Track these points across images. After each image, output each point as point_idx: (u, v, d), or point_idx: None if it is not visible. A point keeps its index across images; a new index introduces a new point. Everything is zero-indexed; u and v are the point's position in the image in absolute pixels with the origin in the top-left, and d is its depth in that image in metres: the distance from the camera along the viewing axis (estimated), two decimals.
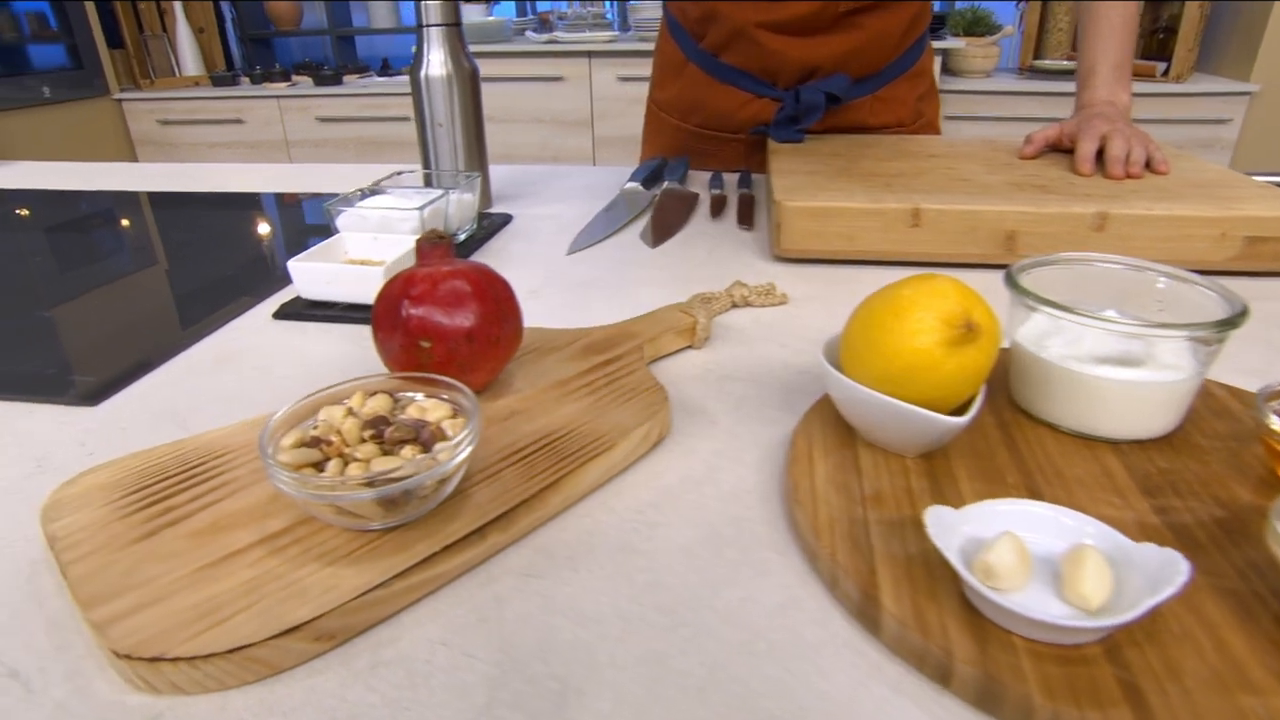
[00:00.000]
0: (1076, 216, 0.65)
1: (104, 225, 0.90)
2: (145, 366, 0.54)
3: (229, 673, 0.29)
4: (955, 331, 0.34)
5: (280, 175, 1.12)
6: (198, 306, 0.65)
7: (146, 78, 3.47)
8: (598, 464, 0.39)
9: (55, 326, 0.62)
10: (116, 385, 0.52)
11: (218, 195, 1.02)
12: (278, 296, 0.66)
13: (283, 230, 0.89)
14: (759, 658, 0.30)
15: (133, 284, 0.71)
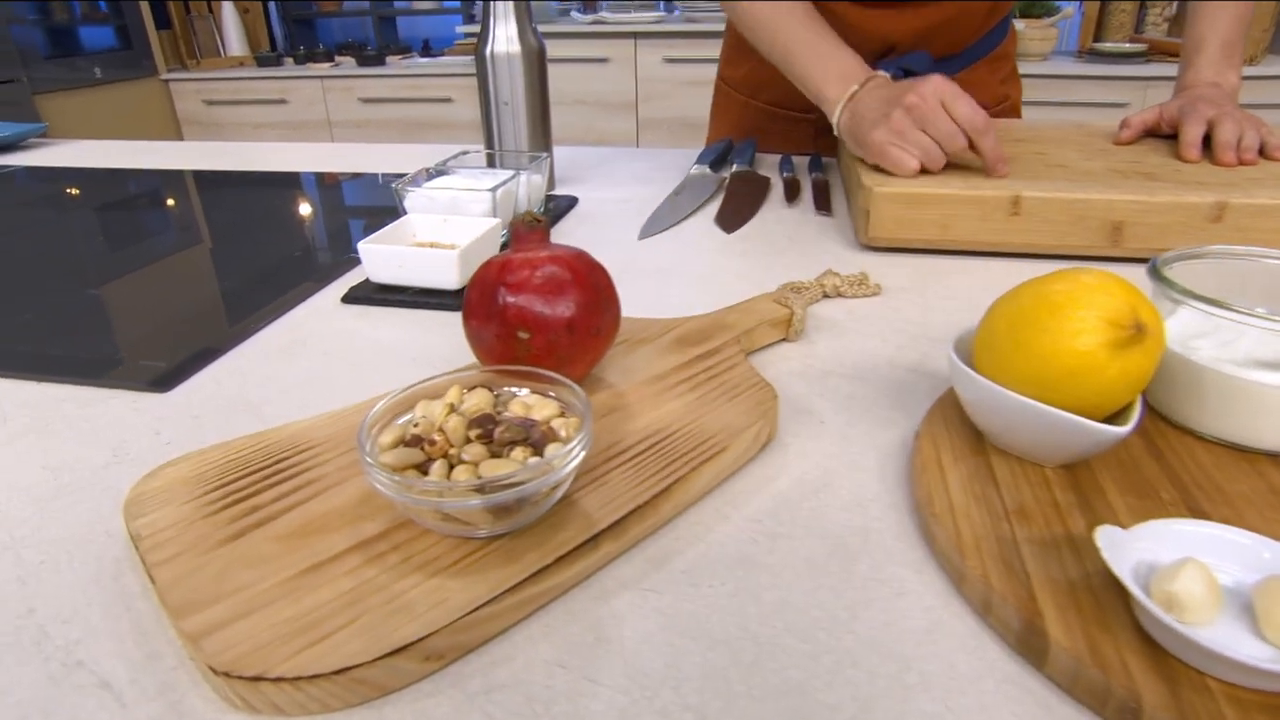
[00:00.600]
0: (1191, 206, 0.61)
1: (158, 205, 0.89)
2: (214, 352, 0.53)
3: (334, 694, 0.26)
4: (1123, 332, 0.31)
5: (333, 155, 1.10)
6: (262, 289, 0.63)
7: (193, 58, 3.50)
8: (710, 467, 0.36)
9: (119, 309, 0.60)
10: (186, 371, 0.50)
11: (272, 175, 1.00)
12: (344, 279, 0.64)
13: (343, 211, 0.87)
14: (913, 691, 0.27)
15: (191, 265, 0.70)
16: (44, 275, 0.67)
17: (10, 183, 1.00)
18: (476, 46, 0.83)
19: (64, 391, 0.48)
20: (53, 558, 0.34)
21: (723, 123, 1.08)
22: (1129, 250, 0.63)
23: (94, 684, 0.28)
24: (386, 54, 3.33)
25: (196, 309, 0.60)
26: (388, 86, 3.18)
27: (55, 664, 0.29)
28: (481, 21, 0.82)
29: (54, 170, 1.06)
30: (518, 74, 0.82)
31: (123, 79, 3.22)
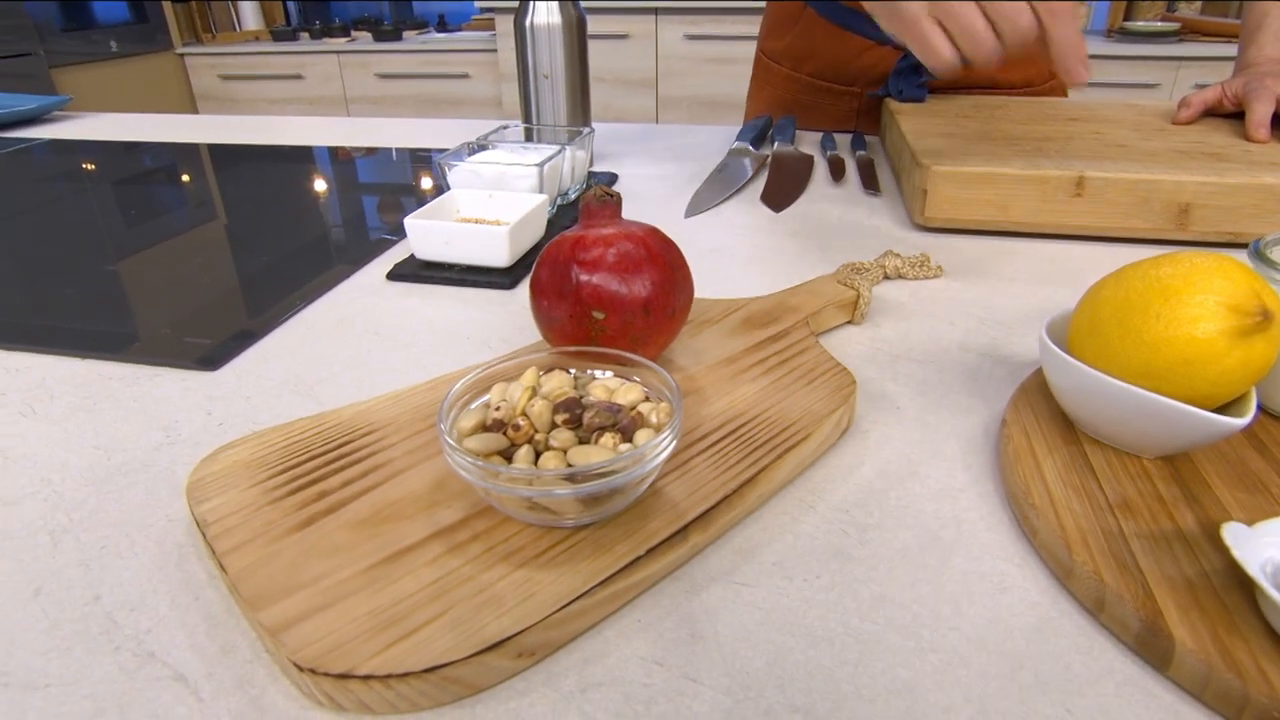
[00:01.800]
0: (1265, 188, 0.58)
1: (186, 181, 0.88)
2: (259, 329, 0.51)
3: (424, 693, 0.25)
4: (1248, 319, 0.29)
5: (360, 129, 1.08)
6: (302, 265, 0.61)
7: (208, 32, 3.47)
8: (793, 455, 0.34)
9: (157, 284, 0.59)
10: (233, 349, 0.49)
11: (299, 150, 0.98)
12: (388, 256, 0.63)
13: (376, 187, 0.85)
14: (1029, 692, 0.25)
15: (226, 241, 0.68)
16: (78, 250, 0.66)
17: (33, 156, 0.99)
18: (516, 17, 0.81)
19: (109, 369, 0.47)
20: (114, 542, 0.33)
21: (762, 97, 1.06)
22: (1195, 233, 0.61)
23: (168, 677, 0.27)
24: (403, 29, 3.29)
25: (236, 285, 0.59)
26: (404, 62, 3.15)
27: (126, 654, 0.28)
28: None
29: (79, 143, 1.04)
30: (558, 46, 0.80)
31: (138, 53, 3.19)
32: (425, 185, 0.83)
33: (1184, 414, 0.30)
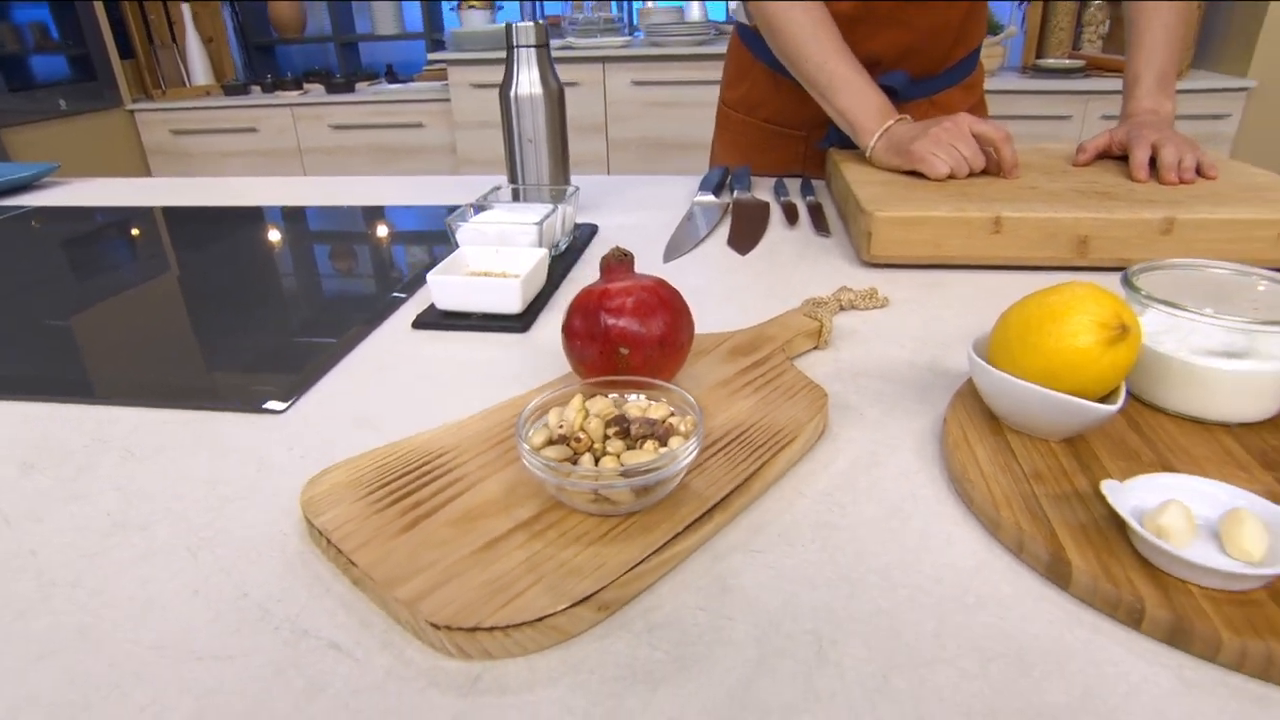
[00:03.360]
0: (1145, 221, 0.71)
1: (211, 243, 0.95)
2: (314, 376, 0.59)
3: (532, 639, 0.34)
4: (1111, 332, 0.40)
5: (357, 188, 1.16)
6: (338, 319, 0.70)
7: (158, 88, 3.50)
8: (784, 454, 0.44)
9: (216, 342, 0.67)
10: (295, 394, 0.57)
11: (300, 210, 1.06)
12: (405, 308, 0.71)
13: (384, 241, 0.94)
14: (973, 610, 0.35)
15: (269, 300, 0.76)
16: (140, 313, 0.73)
17: (47, 223, 1.05)
18: (501, 88, 0.90)
19: (196, 415, 0.54)
20: (244, 553, 0.41)
21: (724, 141, 1.18)
22: (1093, 260, 0.73)
23: (324, 645, 0.35)
24: (355, 81, 3.37)
25: (286, 339, 0.67)
26: (359, 113, 3.22)
27: (285, 632, 0.36)
28: (506, 66, 0.90)
29: (80, 210, 1.10)
30: (540, 114, 0.90)
31: (88, 110, 3.21)
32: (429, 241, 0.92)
33: (1074, 404, 0.41)
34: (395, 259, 0.88)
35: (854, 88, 0.90)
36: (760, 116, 1.12)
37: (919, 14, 0.98)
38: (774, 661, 0.33)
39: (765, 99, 1.11)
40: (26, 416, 0.55)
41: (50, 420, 0.54)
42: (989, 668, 0.32)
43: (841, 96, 0.91)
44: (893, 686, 0.32)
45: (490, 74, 2.95)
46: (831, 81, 0.91)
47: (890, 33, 0.99)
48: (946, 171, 0.81)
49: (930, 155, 0.82)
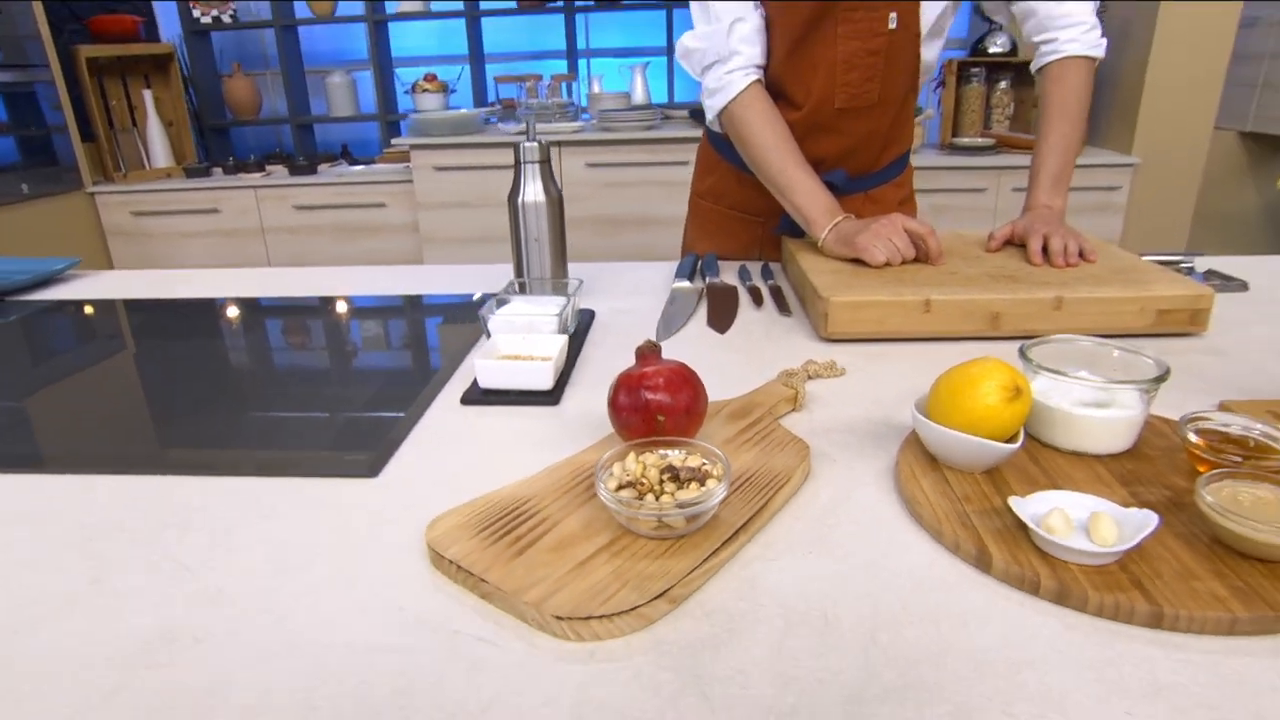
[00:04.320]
0: (1041, 300, 0.90)
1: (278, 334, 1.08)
2: (392, 445, 0.73)
3: (627, 624, 0.48)
4: (1010, 394, 0.57)
5: (378, 278, 1.30)
6: (396, 398, 0.83)
7: (118, 170, 3.58)
8: (784, 491, 0.60)
9: (301, 420, 0.80)
10: (380, 462, 0.70)
11: (331, 300, 1.20)
12: (451, 387, 0.85)
13: (411, 329, 1.08)
14: (927, 590, 0.51)
15: (340, 383, 0.89)
16: (233, 402, 0.85)
17: (98, 315, 1.16)
18: (510, 196, 1.07)
19: (308, 482, 0.67)
20: (389, 581, 0.54)
21: (695, 226, 1.38)
22: (1004, 331, 0.91)
23: (474, 639, 0.49)
24: (317, 162, 3.51)
25: (359, 415, 0.80)
26: (323, 194, 3.36)
27: (442, 633, 0.50)
28: (514, 177, 1.06)
29: (149, 302, 1.22)
30: (543, 218, 1.06)
31: (49, 194, 3.28)
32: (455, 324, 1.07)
33: (988, 446, 0.58)
34: (428, 342, 1.02)
35: (807, 189, 1.09)
36: (725, 205, 1.32)
37: (853, 124, 1.19)
38: (796, 629, 0.48)
39: (730, 190, 1.30)
40: (170, 487, 0.67)
41: (195, 492, 0.66)
42: (940, 625, 0.48)
43: (798, 196, 1.10)
44: (878, 640, 0.47)
45: (451, 158, 3.13)
46: (790, 183, 1.10)
47: (831, 139, 1.20)
48: (884, 260, 1.00)
49: (871, 247, 1.00)
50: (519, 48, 4.20)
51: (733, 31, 1.13)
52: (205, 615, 0.51)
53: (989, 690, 0.43)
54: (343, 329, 1.09)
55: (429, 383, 0.87)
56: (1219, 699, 0.42)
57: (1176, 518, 0.54)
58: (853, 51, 1.14)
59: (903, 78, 1.18)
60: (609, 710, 0.43)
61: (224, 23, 3.87)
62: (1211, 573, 0.49)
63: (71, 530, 0.61)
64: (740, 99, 1.14)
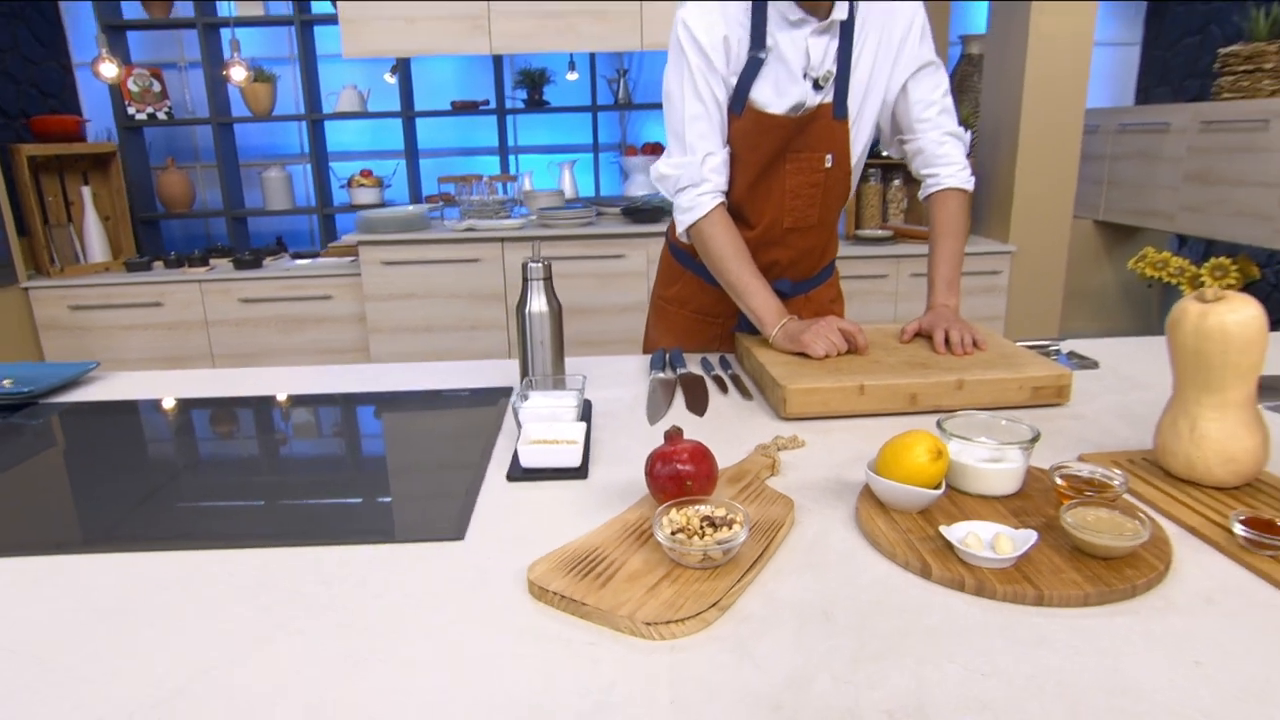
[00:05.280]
0: (946, 383, 1.17)
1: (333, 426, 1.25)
2: (466, 516, 0.92)
3: (693, 626, 0.69)
4: (934, 455, 0.82)
5: (385, 376, 1.49)
6: (456, 479, 1.03)
7: (53, 264, 3.60)
8: (780, 534, 0.82)
9: (384, 498, 0.98)
10: (464, 527, 0.89)
11: (375, 395, 1.38)
12: (493, 469, 1.05)
13: (438, 419, 1.27)
14: (889, 592, 0.74)
15: (404, 469, 1.08)
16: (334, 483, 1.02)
17: (149, 414, 1.30)
18: (518, 306, 1.29)
19: (413, 546, 0.86)
20: (507, 609, 0.74)
21: (658, 326, 1.62)
22: (920, 408, 1.18)
23: (584, 643, 0.69)
24: (262, 256, 3.63)
25: (433, 490, 0.99)
26: (269, 287, 3.47)
27: (559, 642, 0.69)
28: (521, 291, 1.28)
29: (215, 400, 1.36)
30: (546, 326, 1.28)
31: None
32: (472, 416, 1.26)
33: (921, 493, 0.82)
34: (459, 431, 1.22)
35: (761, 295, 1.35)
36: (690, 309, 1.57)
37: (798, 239, 1.48)
38: (806, 622, 0.70)
39: (694, 297, 1.56)
40: (321, 555, 0.84)
41: (338, 557, 0.84)
42: (903, 614, 0.71)
43: (753, 300, 1.36)
44: (863, 625, 0.69)
45: (399, 252, 3.31)
46: (746, 288, 1.36)
47: (780, 250, 1.48)
48: (824, 353, 1.26)
49: (814, 343, 1.26)
50: (451, 144, 4.46)
51: (705, 163, 1.40)
52: (383, 636, 0.69)
53: (937, 650, 0.66)
54: (384, 423, 1.27)
55: (473, 466, 1.06)
56: (1079, 643, 0.66)
57: (1049, 534, 0.80)
58: (799, 185, 1.43)
59: (836, 202, 1.48)
60: (693, 680, 0.64)
61: (159, 119, 3.99)
62: (1072, 568, 0.74)
63: (256, 590, 0.78)
64: (708, 217, 1.40)
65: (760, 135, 1.40)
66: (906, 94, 1.44)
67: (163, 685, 0.64)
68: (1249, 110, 3.10)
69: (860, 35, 1.38)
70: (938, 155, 1.46)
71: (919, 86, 1.44)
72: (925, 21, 1.43)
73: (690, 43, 1.36)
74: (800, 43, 1.36)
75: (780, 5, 1.34)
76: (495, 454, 1.09)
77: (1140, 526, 0.75)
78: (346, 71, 4.13)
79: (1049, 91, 3.19)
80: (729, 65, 1.37)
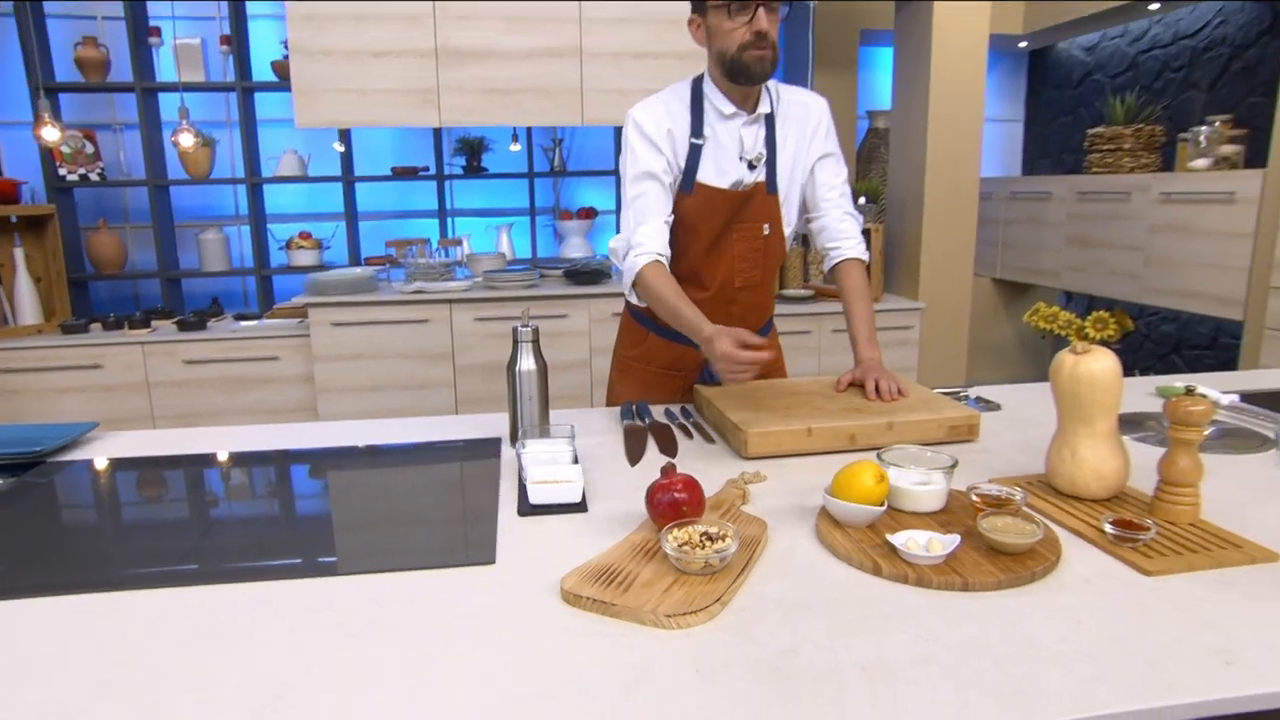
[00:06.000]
0: (878, 424, 1.40)
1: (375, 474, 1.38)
2: (491, 544, 1.08)
3: (703, 617, 0.87)
4: (878, 480, 1.03)
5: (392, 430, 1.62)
6: (465, 516, 1.18)
7: None
8: (760, 547, 1.02)
9: (418, 532, 1.13)
10: (492, 552, 1.05)
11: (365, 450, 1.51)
12: (504, 506, 1.21)
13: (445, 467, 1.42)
14: (848, 587, 0.94)
15: (430, 507, 1.23)
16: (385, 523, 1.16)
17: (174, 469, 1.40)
18: (509, 366, 1.46)
19: (453, 571, 1.01)
20: (545, 614, 0.90)
21: (623, 382, 1.81)
22: (859, 445, 1.40)
23: (617, 635, 0.86)
24: (206, 319, 3.67)
25: (461, 526, 1.14)
26: (215, 348, 3.51)
27: (598, 635, 0.86)
28: (511, 352, 1.46)
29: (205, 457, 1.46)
30: (534, 382, 1.46)
31: None
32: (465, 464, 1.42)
33: (867, 510, 1.03)
34: (466, 475, 1.37)
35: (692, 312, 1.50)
36: (655, 366, 1.77)
37: (746, 296, 1.72)
38: (789, 611, 0.89)
39: (659, 354, 1.77)
40: (365, 583, 0.99)
41: (386, 586, 0.99)
42: (864, 604, 0.91)
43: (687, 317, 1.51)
44: (834, 612, 0.89)
45: (350, 314, 3.42)
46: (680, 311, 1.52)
47: (732, 306, 1.71)
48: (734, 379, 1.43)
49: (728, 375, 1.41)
50: (390, 207, 4.59)
51: (639, 232, 1.61)
52: (445, 642, 0.85)
53: (891, 625, 0.86)
54: (403, 471, 1.41)
55: (486, 505, 1.22)
56: (995, 615, 0.87)
57: (970, 538, 1.01)
58: (744, 250, 1.67)
59: (775, 264, 1.73)
60: (710, 655, 0.81)
61: (91, 180, 4.00)
62: (988, 561, 0.96)
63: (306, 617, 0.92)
64: (645, 270, 1.58)
65: (710, 209, 1.64)
66: (814, 177, 1.74)
67: (267, 690, 0.78)
68: (1114, 183, 3.56)
69: (783, 125, 1.68)
70: (839, 230, 1.74)
71: (824, 172, 1.73)
72: (830, 119, 1.72)
73: (637, 135, 1.62)
74: (735, 132, 1.64)
75: (715, 101, 1.62)
76: (502, 494, 1.26)
77: (1037, 529, 0.98)
78: (286, 135, 4.23)
79: (948, 163, 3.58)
80: (674, 153, 1.63)
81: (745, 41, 1.51)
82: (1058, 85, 4.62)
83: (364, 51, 3.33)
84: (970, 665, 0.79)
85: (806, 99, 1.71)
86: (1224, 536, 1.02)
